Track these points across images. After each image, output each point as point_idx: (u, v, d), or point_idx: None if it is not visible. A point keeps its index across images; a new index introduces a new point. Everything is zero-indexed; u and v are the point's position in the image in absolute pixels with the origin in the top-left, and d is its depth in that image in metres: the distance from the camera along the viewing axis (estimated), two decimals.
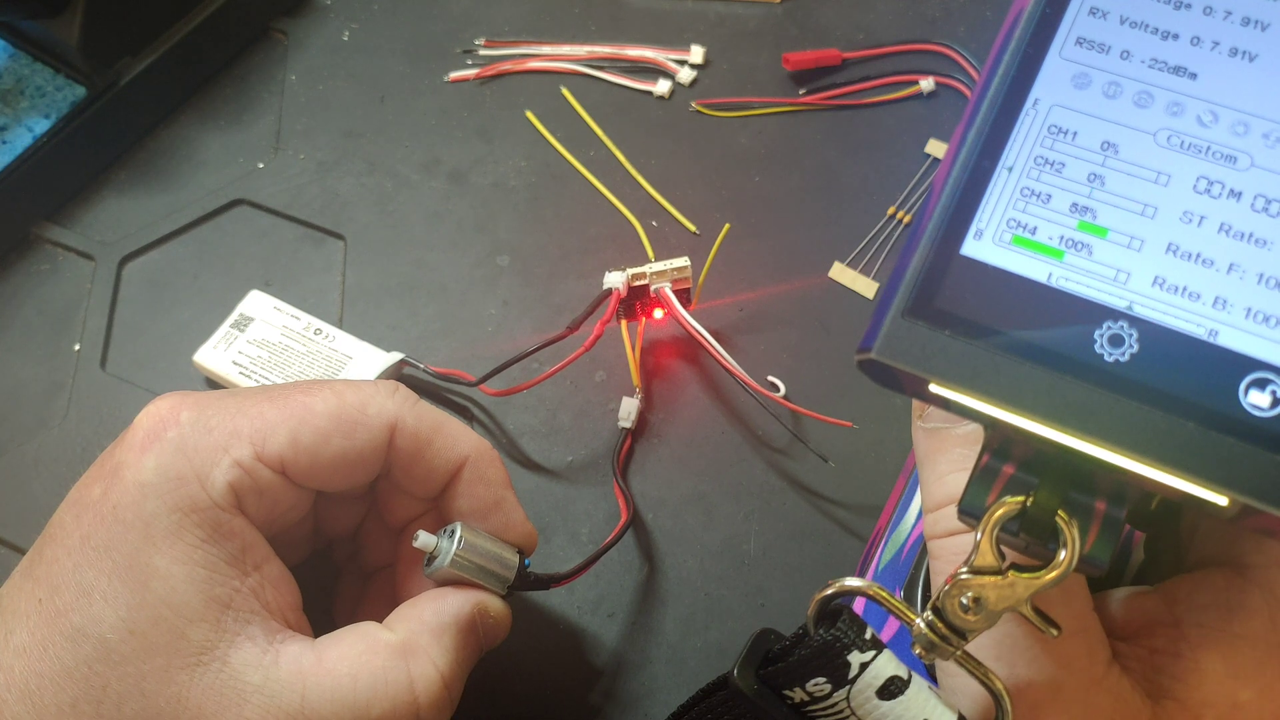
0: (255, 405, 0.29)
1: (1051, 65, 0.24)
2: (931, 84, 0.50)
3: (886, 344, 0.23)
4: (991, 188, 0.23)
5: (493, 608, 0.32)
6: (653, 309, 0.42)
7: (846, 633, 0.28)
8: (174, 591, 0.27)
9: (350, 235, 0.48)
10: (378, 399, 0.31)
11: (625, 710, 0.37)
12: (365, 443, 0.30)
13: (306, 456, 0.29)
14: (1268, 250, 0.21)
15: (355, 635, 0.30)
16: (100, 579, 0.27)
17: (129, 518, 0.27)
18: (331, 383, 0.31)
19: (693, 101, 0.51)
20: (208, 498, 0.28)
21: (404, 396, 0.31)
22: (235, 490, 0.28)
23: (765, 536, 0.40)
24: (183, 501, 0.28)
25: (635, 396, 0.42)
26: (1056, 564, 0.26)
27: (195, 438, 0.28)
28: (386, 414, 0.31)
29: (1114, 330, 0.22)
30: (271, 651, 0.28)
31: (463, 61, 0.53)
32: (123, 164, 0.50)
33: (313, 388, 0.31)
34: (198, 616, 0.27)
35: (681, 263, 0.41)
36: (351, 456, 0.30)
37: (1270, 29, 0.22)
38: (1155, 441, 0.21)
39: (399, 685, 0.29)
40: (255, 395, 0.30)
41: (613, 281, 0.40)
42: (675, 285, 0.41)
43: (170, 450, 0.28)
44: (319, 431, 0.29)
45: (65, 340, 0.46)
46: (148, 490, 0.27)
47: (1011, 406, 0.22)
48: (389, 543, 0.35)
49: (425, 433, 0.31)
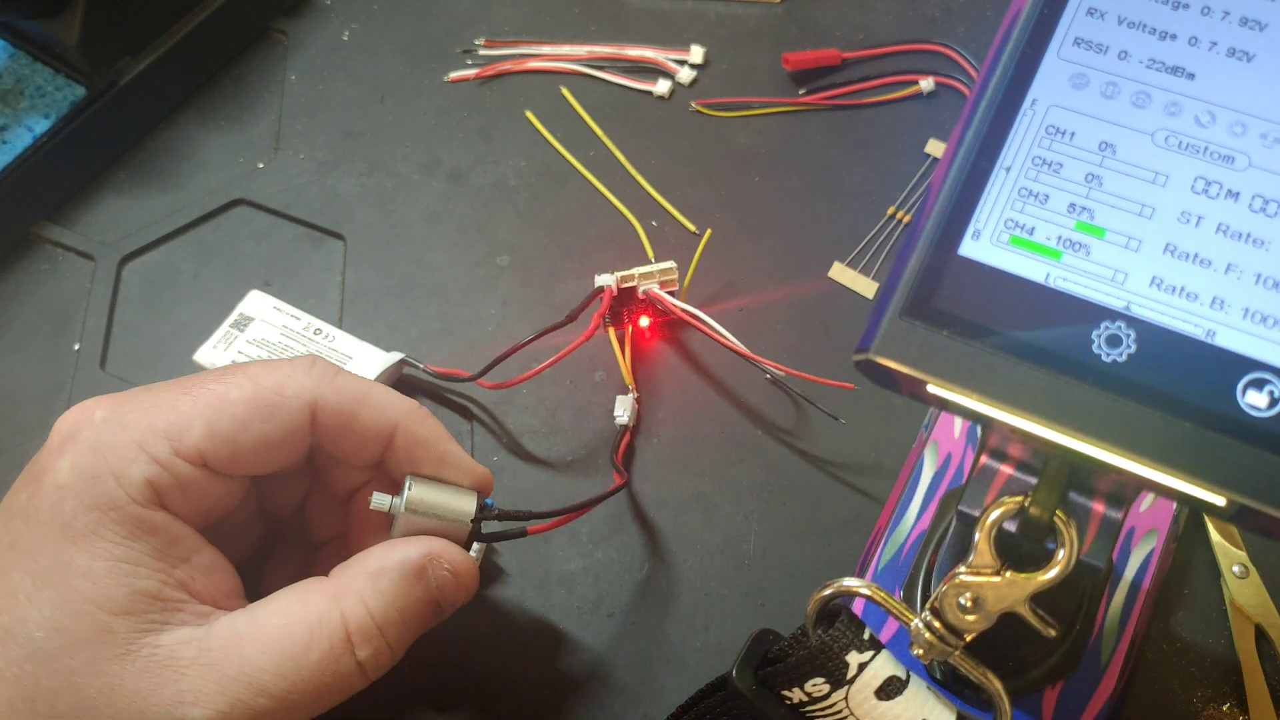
0: (170, 398, 0.29)
1: (1049, 65, 0.24)
2: (931, 84, 0.50)
3: (884, 344, 0.23)
4: (989, 188, 0.23)
5: (448, 556, 0.31)
6: (640, 315, 0.43)
7: (845, 633, 0.28)
8: (96, 586, 0.27)
9: (350, 235, 0.48)
10: (294, 378, 0.30)
11: (625, 710, 0.37)
12: (285, 424, 0.30)
13: (226, 446, 0.29)
14: (1266, 250, 0.21)
15: (289, 591, 0.30)
16: (25, 581, 0.27)
17: (48, 519, 0.27)
18: (247, 366, 0.31)
19: (693, 101, 0.51)
20: (125, 495, 0.28)
21: (322, 371, 0.31)
22: (154, 486, 0.28)
23: (765, 536, 0.40)
24: (100, 500, 0.28)
25: (630, 395, 0.42)
26: (1055, 563, 0.26)
27: (109, 436, 0.28)
28: (305, 393, 0.30)
29: (1112, 330, 0.22)
30: (204, 627, 0.28)
31: (463, 61, 0.53)
32: (123, 164, 0.50)
33: (227, 374, 0.30)
34: (122, 609, 0.27)
35: (668, 265, 0.42)
36: (274, 440, 0.30)
37: (1268, 29, 0.22)
38: (1153, 442, 0.21)
39: (333, 625, 0.29)
40: (170, 388, 0.30)
41: (604, 281, 0.41)
42: (663, 288, 0.42)
43: (85, 450, 0.28)
44: (236, 419, 0.29)
45: (65, 340, 0.46)
46: (65, 492, 0.28)
47: (1009, 407, 0.22)
48: (338, 513, 0.35)
49: (349, 405, 0.31)
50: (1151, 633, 0.37)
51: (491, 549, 0.39)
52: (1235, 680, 0.36)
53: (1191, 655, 0.36)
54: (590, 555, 0.40)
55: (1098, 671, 0.34)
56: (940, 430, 0.39)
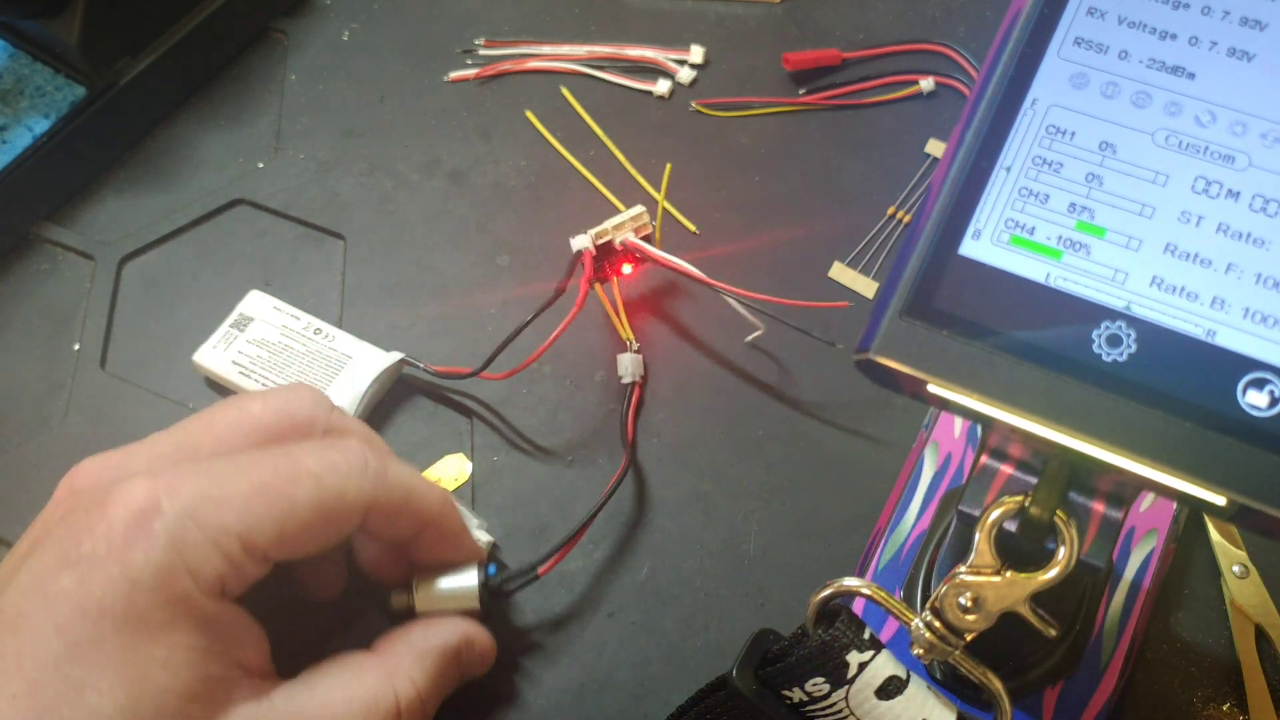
0: (240, 495, 0.30)
1: (1049, 65, 0.24)
2: (931, 84, 0.50)
3: (885, 344, 0.23)
4: (989, 188, 0.23)
5: (479, 642, 0.35)
6: (620, 264, 0.43)
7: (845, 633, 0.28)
8: (174, 677, 0.28)
9: (350, 235, 0.48)
10: (353, 481, 0.31)
11: (625, 710, 0.37)
12: (345, 528, 0.32)
13: (290, 547, 0.30)
14: (1266, 250, 0.21)
15: (340, 664, 0.32)
16: (92, 672, 0.27)
17: (120, 613, 0.27)
18: (307, 462, 0.31)
19: (693, 101, 0.51)
20: (198, 590, 0.28)
21: (375, 472, 0.32)
22: (223, 581, 0.29)
23: (765, 536, 0.40)
24: (175, 595, 0.28)
25: (631, 350, 0.42)
26: (1055, 563, 0.26)
27: (183, 532, 0.28)
28: (364, 496, 0.32)
29: (1112, 330, 0.22)
30: (265, 703, 0.29)
31: (463, 61, 0.53)
32: (123, 164, 0.50)
33: (295, 472, 0.31)
34: (194, 696, 0.28)
35: (638, 210, 0.42)
36: (332, 539, 0.32)
37: (1268, 29, 0.22)
38: (1153, 441, 0.21)
39: (388, 702, 0.31)
40: (237, 480, 0.30)
41: (580, 244, 0.41)
42: (638, 234, 0.42)
43: (160, 546, 0.28)
44: (302, 524, 0.30)
45: (65, 340, 0.46)
46: (139, 586, 0.27)
47: (1009, 406, 0.22)
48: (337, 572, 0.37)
49: (396, 504, 0.33)
50: (1151, 633, 0.37)
51: (493, 549, 0.39)
52: (1235, 680, 0.36)
53: (1191, 655, 0.36)
54: (590, 555, 0.40)
55: (1098, 671, 0.34)
56: (940, 430, 0.39)
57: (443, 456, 0.42)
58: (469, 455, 0.42)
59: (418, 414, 0.43)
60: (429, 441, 0.42)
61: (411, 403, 0.43)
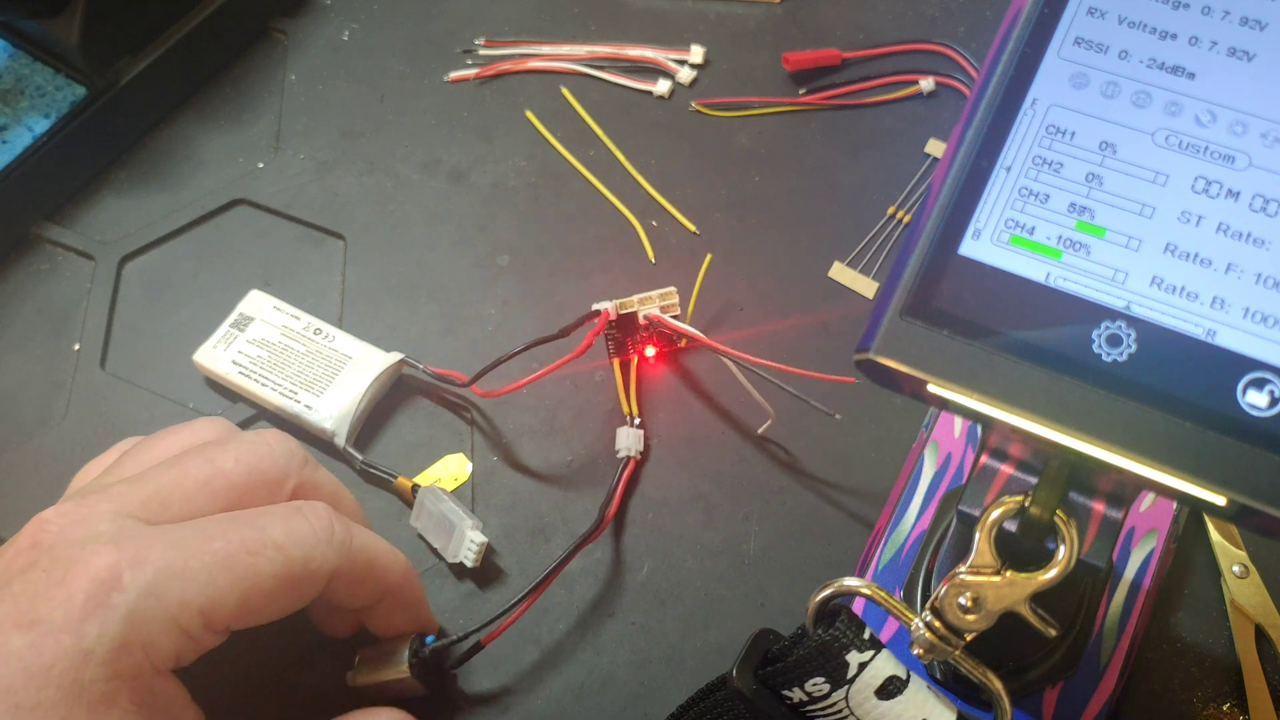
0: (204, 569, 0.29)
1: (1050, 65, 0.24)
2: (931, 84, 0.50)
3: (885, 344, 0.23)
4: (989, 188, 0.23)
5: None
6: (645, 346, 0.42)
7: (845, 633, 0.28)
8: None
9: (350, 235, 0.48)
10: (319, 550, 0.31)
11: (625, 710, 0.37)
12: (307, 595, 0.31)
13: (251, 616, 0.30)
14: (1266, 250, 0.21)
15: None
16: None
17: (65, 682, 0.27)
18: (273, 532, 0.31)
19: (693, 101, 0.51)
20: (149, 665, 0.28)
21: (340, 542, 0.32)
22: (179, 655, 0.29)
23: (765, 536, 0.40)
24: (124, 669, 0.27)
25: (632, 425, 0.41)
26: (1055, 563, 0.26)
27: (143, 606, 0.28)
28: (329, 565, 0.31)
29: (1112, 330, 0.22)
30: None
31: (463, 61, 0.53)
32: (123, 164, 0.50)
33: (260, 543, 0.30)
34: None
35: (668, 289, 0.41)
36: (292, 607, 0.31)
37: (1268, 29, 0.22)
38: (1153, 441, 0.21)
39: None
40: (201, 552, 0.29)
41: (602, 306, 0.40)
42: (665, 312, 0.41)
43: (117, 620, 0.27)
44: (266, 595, 0.30)
45: (65, 340, 0.46)
46: (90, 659, 0.27)
47: (1009, 406, 0.22)
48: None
49: (359, 573, 0.32)
50: (1151, 633, 0.37)
51: (492, 550, 0.39)
52: (1235, 680, 0.36)
53: (1191, 655, 0.36)
54: (590, 555, 0.40)
55: (1098, 671, 0.34)
56: (940, 430, 0.39)
57: (442, 456, 0.42)
58: (469, 455, 0.42)
59: (417, 414, 0.43)
60: (428, 441, 0.42)
61: (411, 403, 0.43)
